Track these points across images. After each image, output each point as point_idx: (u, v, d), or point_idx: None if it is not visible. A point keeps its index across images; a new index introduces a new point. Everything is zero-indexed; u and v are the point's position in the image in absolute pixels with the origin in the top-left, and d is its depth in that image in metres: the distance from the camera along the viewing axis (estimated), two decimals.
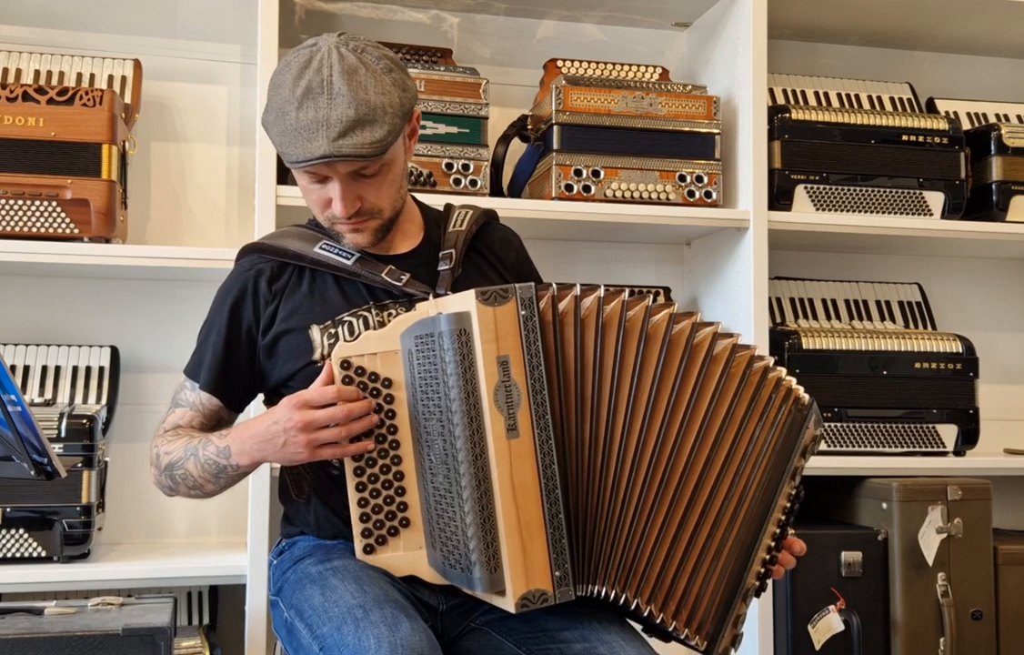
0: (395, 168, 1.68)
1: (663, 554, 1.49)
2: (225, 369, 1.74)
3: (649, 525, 1.49)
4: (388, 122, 1.60)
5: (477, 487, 1.43)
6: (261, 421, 1.60)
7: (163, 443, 1.72)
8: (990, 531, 2.50)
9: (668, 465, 1.49)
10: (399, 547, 1.59)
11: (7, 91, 2.24)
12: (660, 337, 1.49)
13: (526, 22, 2.85)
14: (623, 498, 1.49)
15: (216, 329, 1.74)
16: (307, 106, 1.59)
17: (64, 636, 1.80)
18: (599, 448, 1.49)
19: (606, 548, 1.49)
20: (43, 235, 2.24)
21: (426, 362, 1.50)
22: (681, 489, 1.49)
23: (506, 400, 1.43)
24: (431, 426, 1.51)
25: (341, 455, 1.57)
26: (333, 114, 1.57)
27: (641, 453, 1.49)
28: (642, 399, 1.49)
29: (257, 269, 1.75)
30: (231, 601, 2.48)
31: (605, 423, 1.49)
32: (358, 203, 1.66)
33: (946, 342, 2.68)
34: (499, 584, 1.43)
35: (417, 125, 1.77)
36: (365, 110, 1.58)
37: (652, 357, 1.49)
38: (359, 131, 1.58)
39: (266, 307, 1.73)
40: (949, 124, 2.73)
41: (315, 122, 1.58)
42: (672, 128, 2.53)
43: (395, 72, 1.65)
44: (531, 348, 1.45)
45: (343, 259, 1.72)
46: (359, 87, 1.59)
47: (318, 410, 1.54)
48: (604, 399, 1.49)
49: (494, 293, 1.44)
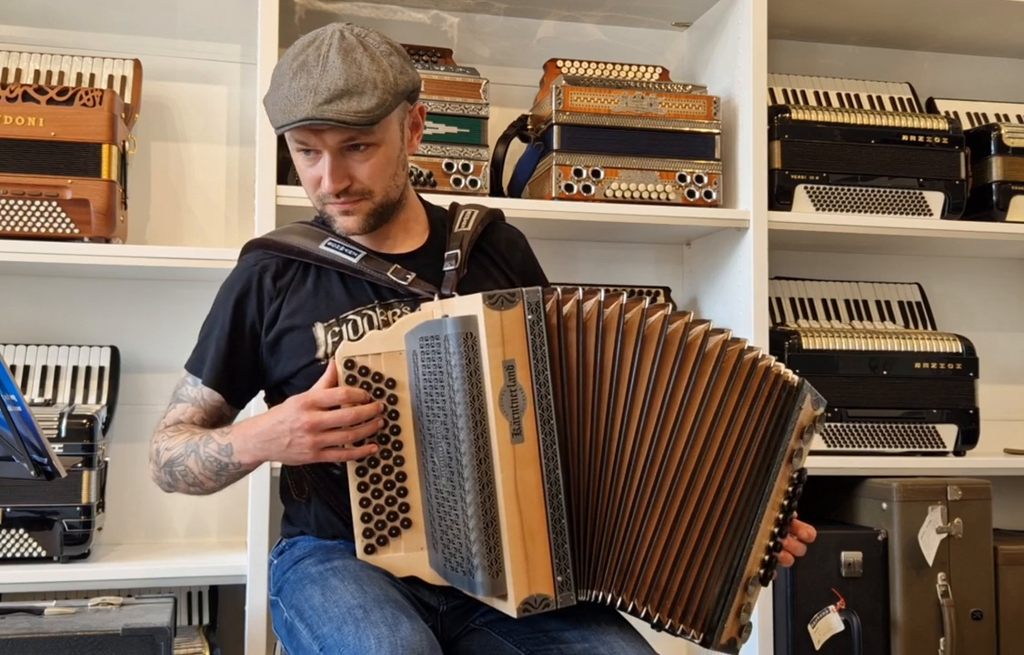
0: (387, 149, 1.66)
1: (659, 553, 1.49)
2: (228, 365, 1.73)
3: (645, 526, 1.49)
4: (378, 96, 1.59)
5: (481, 491, 1.43)
6: (265, 419, 1.60)
7: (163, 439, 1.71)
8: (990, 531, 2.50)
9: (662, 465, 1.49)
10: (400, 548, 1.58)
11: (7, 91, 2.24)
12: (655, 338, 1.49)
13: (526, 22, 2.85)
14: (621, 501, 1.49)
15: (219, 324, 1.74)
16: (300, 76, 1.59)
17: (64, 636, 1.80)
18: (599, 452, 1.49)
19: (607, 552, 1.49)
20: (43, 235, 2.24)
21: (431, 364, 1.50)
22: (675, 487, 1.49)
23: (511, 404, 1.43)
24: (435, 428, 1.50)
25: (346, 458, 1.57)
26: (323, 83, 1.58)
27: (637, 455, 1.49)
28: (638, 401, 1.49)
29: (262, 265, 1.74)
30: (231, 601, 2.48)
31: (604, 427, 1.48)
32: (347, 181, 1.65)
33: (946, 342, 2.68)
34: (501, 588, 1.43)
35: (421, 119, 1.76)
36: (356, 81, 1.58)
37: (648, 358, 1.49)
38: (346, 99, 1.57)
39: (270, 304, 1.72)
40: (949, 124, 2.73)
41: (304, 89, 1.58)
42: (672, 128, 2.53)
43: (395, 56, 1.65)
44: (537, 353, 1.44)
45: (348, 257, 1.72)
46: (353, 63, 1.59)
47: (326, 412, 1.54)
48: (604, 403, 1.48)
49: (501, 297, 1.44)
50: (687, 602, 1.51)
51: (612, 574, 1.49)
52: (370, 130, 1.61)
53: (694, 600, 1.51)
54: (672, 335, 1.49)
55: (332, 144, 1.62)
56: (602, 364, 1.48)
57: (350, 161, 1.64)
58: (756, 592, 1.55)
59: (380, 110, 1.59)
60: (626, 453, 1.49)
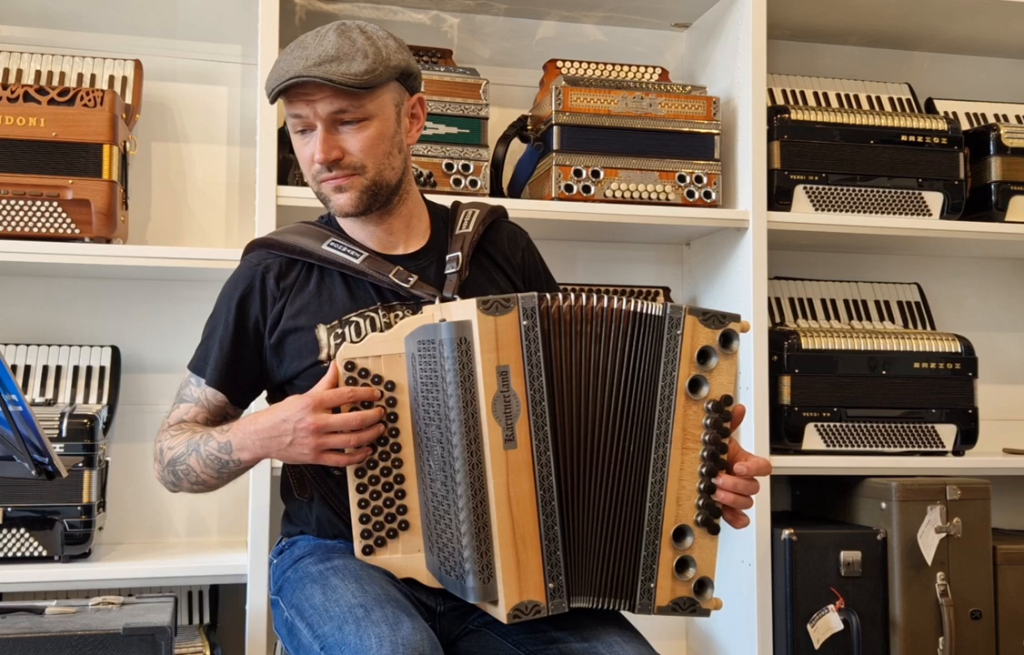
0: (380, 125, 1.67)
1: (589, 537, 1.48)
2: (231, 364, 1.73)
3: (616, 524, 1.48)
4: (368, 63, 1.62)
5: (473, 496, 1.43)
6: (267, 416, 1.60)
7: (166, 439, 1.72)
8: (989, 531, 2.50)
9: (616, 457, 1.48)
10: (398, 549, 1.59)
11: (8, 91, 2.25)
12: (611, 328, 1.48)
13: (526, 22, 2.85)
14: (604, 503, 1.49)
15: (223, 324, 1.74)
16: (296, 50, 1.64)
17: (65, 635, 1.80)
18: (590, 454, 1.49)
19: (597, 556, 1.48)
20: (44, 235, 2.24)
21: (427, 368, 1.50)
22: (620, 473, 1.48)
23: (504, 411, 1.43)
24: (431, 432, 1.51)
25: (345, 463, 1.57)
26: (315, 52, 1.62)
27: (608, 452, 1.49)
28: (607, 399, 1.48)
29: (265, 265, 1.74)
30: (231, 600, 2.49)
31: (593, 428, 1.48)
32: (337, 151, 1.66)
33: (945, 342, 2.68)
34: (492, 594, 1.43)
35: (421, 112, 1.77)
36: (347, 50, 1.62)
37: (602, 352, 1.48)
38: (335, 63, 1.61)
39: (273, 304, 1.73)
40: (948, 124, 2.73)
41: (298, 58, 1.62)
42: (672, 128, 2.53)
43: (392, 40, 1.68)
44: (532, 359, 1.44)
45: (351, 258, 1.72)
46: (347, 39, 1.63)
47: (332, 415, 1.54)
48: (592, 403, 1.48)
49: (496, 303, 1.43)
50: (619, 572, 1.48)
51: (604, 578, 1.48)
52: (360, 102, 1.63)
53: (603, 567, 1.48)
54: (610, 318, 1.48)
55: (323, 114, 1.64)
56: (585, 368, 1.48)
57: (342, 133, 1.66)
58: (701, 543, 1.48)
59: (369, 77, 1.61)
60: (595, 453, 1.49)
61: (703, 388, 1.48)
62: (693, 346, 1.47)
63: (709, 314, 1.48)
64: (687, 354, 1.47)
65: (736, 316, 1.49)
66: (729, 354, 1.48)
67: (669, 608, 1.47)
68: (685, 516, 1.48)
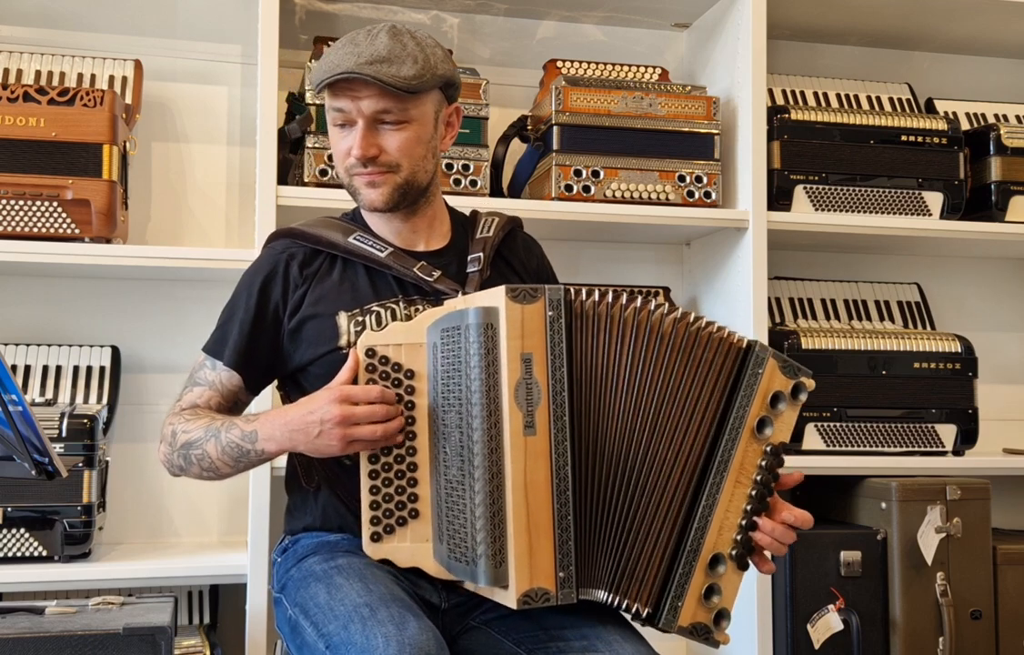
0: (419, 129, 1.71)
1: (625, 535, 1.49)
2: (250, 346, 1.74)
3: (635, 525, 1.49)
4: (417, 69, 1.66)
5: (490, 481, 1.44)
6: (296, 409, 1.60)
7: (180, 421, 1.70)
8: (989, 531, 2.50)
9: (645, 460, 1.49)
10: (406, 538, 1.59)
11: (8, 91, 2.25)
12: (654, 335, 1.50)
13: (526, 22, 2.85)
14: (626, 502, 1.50)
15: (243, 307, 1.74)
16: (347, 45, 1.68)
17: (65, 635, 1.80)
18: (607, 451, 1.49)
19: (608, 552, 1.49)
20: (44, 235, 2.24)
21: (450, 354, 1.52)
22: (649, 478, 1.49)
23: (526, 397, 1.44)
24: (449, 418, 1.52)
25: (369, 450, 1.58)
26: (367, 50, 1.66)
27: (631, 452, 1.50)
28: (631, 400, 1.50)
29: (290, 253, 1.76)
30: (232, 600, 2.49)
31: (612, 425, 1.50)
32: (375, 149, 1.69)
33: (945, 342, 2.69)
34: (503, 579, 1.44)
35: (456, 121, 1.82)
36: (398, 53, 1.66)
37: (650, 357, 1.50)
38: (386, 64, 1.65)
39: (295, 290, 1.74)
40: (948, 124, 2.73)
41: (349, 54, 1.66)
42: (672, 128, 2.54)
43: (440, 50, 1.73)
44: (555, 349, 1.46)
45: (376, 251, 1.74)
46: (399, 42, 1.68)
47: (358, 407, 1.55)
48: (613, 401, 1.49)
49: (524, 291, 1.46)
50: (633, 574, 1.49)
51: (611, 574, 1.49)
52: (404, 104, 1.67)
53: (639, 572, 1.49)
54: (662, 327, 1.50)
55: (367, 112, 1.67)
56: (608, 364, 1.49)
57: (381, 132, 1.70)
58: (730, 576, 1.51)
59: (417, 82, 1.66)
60: (622, 452, 1.50)
61: (767, 429, 1.53)
62: (768, 388, 1.53)
63: (788, 364, 1.54)
64: (762, 395, 1.52)
65: (808, 372, 1.56)
66: (795, 405, 1.55)
67: (688, 630, 1.50)
68: (723, 545, 1.52)
